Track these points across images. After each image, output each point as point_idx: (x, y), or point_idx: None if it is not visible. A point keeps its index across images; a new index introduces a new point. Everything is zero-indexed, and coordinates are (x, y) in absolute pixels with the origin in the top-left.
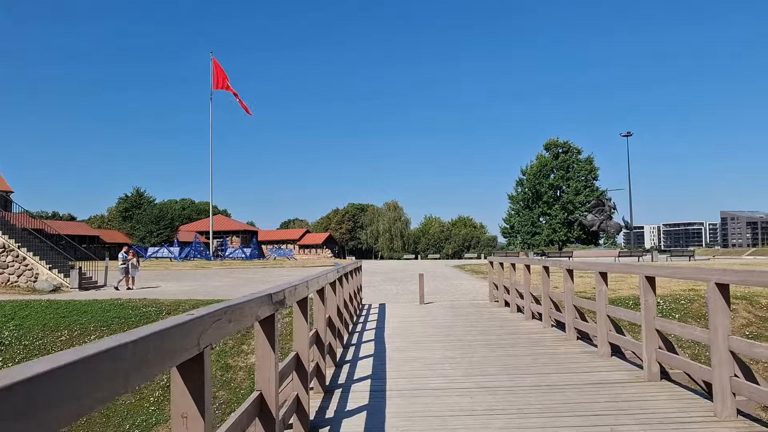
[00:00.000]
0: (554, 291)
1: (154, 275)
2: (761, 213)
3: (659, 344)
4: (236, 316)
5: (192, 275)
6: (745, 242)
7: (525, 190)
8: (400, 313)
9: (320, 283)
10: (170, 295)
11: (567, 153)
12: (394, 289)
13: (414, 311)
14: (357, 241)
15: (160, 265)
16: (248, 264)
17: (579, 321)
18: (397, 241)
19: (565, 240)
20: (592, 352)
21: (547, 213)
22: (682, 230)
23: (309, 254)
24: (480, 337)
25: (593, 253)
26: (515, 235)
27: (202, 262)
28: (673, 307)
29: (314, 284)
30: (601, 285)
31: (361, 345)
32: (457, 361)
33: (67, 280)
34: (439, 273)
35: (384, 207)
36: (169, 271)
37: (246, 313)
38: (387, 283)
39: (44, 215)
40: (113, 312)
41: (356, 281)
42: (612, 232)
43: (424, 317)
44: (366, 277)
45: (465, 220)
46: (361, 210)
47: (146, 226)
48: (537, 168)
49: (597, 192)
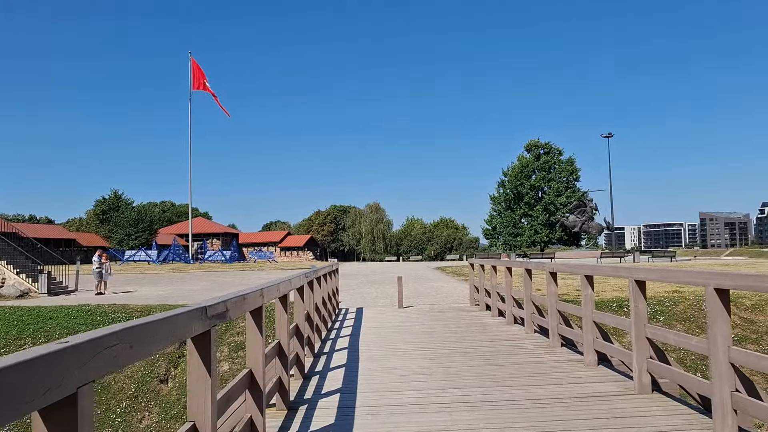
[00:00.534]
0: (537, 295)
1: (130, 279)
2: (739, 214)
3: (650, 353)
4: (141, 339)
5: (168, 279)
6: (724, 242)
7: (506, 191)
8: (378, 317)
9: (281, 290)
10: (143, 299)
11: (548, 154)
12: (373, 293)
13: (392, 316)
14: (339, 243)
15: (137, 269)
16: (227, 267)
17: (563, 327)
18: (379, 242)
19: (546, 241)
20: (578, 361)
21: (528, 214)
22: (662, 231)
23: (290, 256)
24: (459, 344)
25: (575, 254)
26: (497, 236)
27: (180, 266)
28: (658, 309)
29: (272, 292)
30: (587, 289)
31: (333, 354)
32: (433, 372)
33: (35, 285)
34: (420, 275)
35: (366, 209)
36: (146, 275)
37: (160, 334)
38: (366, 286)
39: (21, 218)
40: (80, 318)
41: (332, 284)
42: (594, 233)
43: (401, 322)
44: (345, 280)
45: (447, 221)
46: (343, 212)
47: (124, 229)
48: (518, 169)
49: (578, 193)
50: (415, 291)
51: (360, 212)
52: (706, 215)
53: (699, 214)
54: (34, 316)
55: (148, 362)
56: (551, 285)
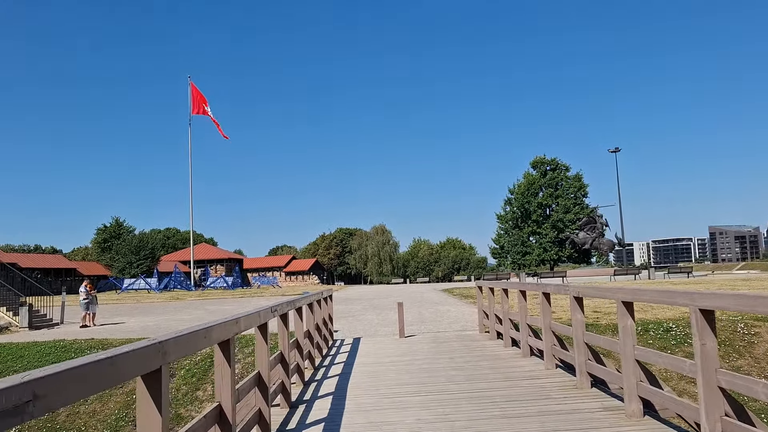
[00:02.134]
0: (557, 323)
1: (122, 309)
2: (749, 227)
3: (725, 408)
4: None
5: (162, 308)
6: (735, 256)
7: (513, 209)
8: (375, 350)
9: (242, 326)
10: (127, 332)
11: (555, 170)
12: (374, 319)
13: (391, 348)
14: (346, 266)
15: (133, 298)
16: (229, 294)
17: (593, 364)
18: (386, 265)
19: (556, 259)
20: (618, 410)
21: (537, 232)
22: (671, 246)
23: (295, 281)
24: (467, 385)
25: (588, 272)
26: (505, 255)
27: (180, 293)
28: (687, 333)
29: (225, 329)
30: (626, 319)
31: (316, 401)
32: (436, 429)
33: (16, 318)
34: (426, 298)
35: (372, 231)
36: (140, 305)
37: None
38: (368, 312)
39: (25, 249)
40: (53, 355)
41: (322, 313)
42: (605, 249)
43: (401, 356)
44: (346, 306)
45: (454, 242)
46: (349, 235)
47: (126, 257)
48: (525, 186)
49: (587, 209)
50: (419, 317)
51: (366, 234)
52: (715, 229)
53: (708, 228)
54: (3, 354)
55: (123, 403)
56: (576, 312)
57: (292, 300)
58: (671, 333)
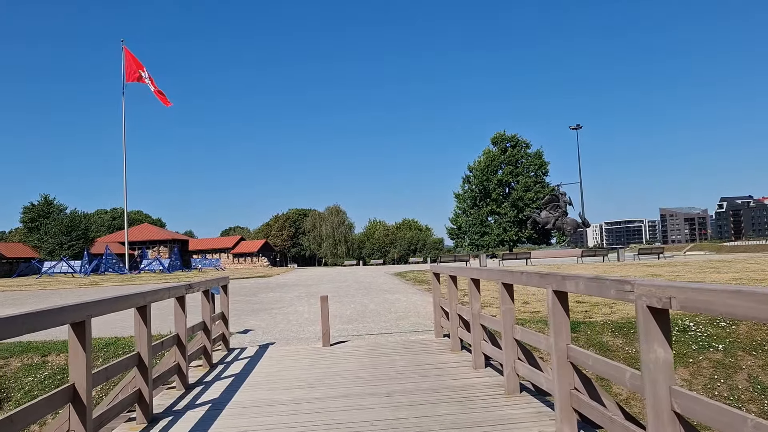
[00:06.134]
0: (587, 352)
1: None
2: (698, 209)
3: None
4: None
5: (36, 297)
6: (684, 238)
7: (472, 187)
8: (278, 372)
9: None
10: None
11: (515, 147)
12: (305, 312)
13: (304, 365)
14: (300, 248)
15: (43, 283)
16: (159, 277)
17: None
18: (341, 246)
19: (516, 240)
20: None
21: (496, 211)
22: (623, 228)
23: (243, 263)
24: None
25: (553, 253)
26: (463, 236)
27: (105, 277)
28: (711, 333)
29: None
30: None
31: None
32: None
33: None
34: (374, 284)
35: (326, 211)
36: (26, 293)
37: None
38: (301, 302)
39: None
40: None
41: (204, 313)
42: (568, 229)
43: (314, 385)
44: (279, 294)
45: (410, 222)
46: (303, 215)
47: (56, 238)
48: (485, 163)
49: (548, 188)
50: (362, 310)
51: (320, 215)
52: (666, 211)
53: (660, 209)
54: None
55: None
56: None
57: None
58: (689, 334)
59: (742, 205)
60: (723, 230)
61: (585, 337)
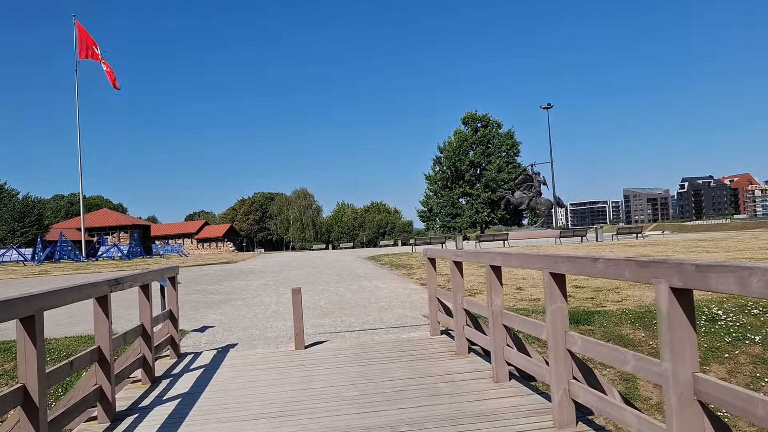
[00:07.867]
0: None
1: None
2: (660, 189)
3: None
4: None
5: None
6: (647, 218)
7: (443, 168)
8: (241, 387)
9: None
10: None
11: (486, 127)
12: (272, 304)
13: (274, 377)
14: (267, 232)
15: None
16: (117, 264)
17: None
18: (308, 230)
19: (488, 221)
20: None
21: (468, 193)
22: (587, 209)
23: (208, 248)
24: None
25: (531, 234)
26: (434, 218)
27: (58, 265)
28: (744, 322)
29: None
30: None
31: None
32: None
33: None
34: (347, 269)
35: (293, 195)
36: None
37: None
38: (269, 292)
39: None
40: None
41: (142, 316)
42: (543, 209)
43: (287, 410)
44: (244, 282)
45: (379, 205)
46: (270, 199)
47: (7, 224)
48: (456, 144)
49: (519, 168)
50: (338, 299)
51: (287, 199)
52: (629, 192)
53: (623, 190)
54: None
55: None
56: None
57: None
58: (719, 324)
59: (702, 185)
60: (684, 210)
61: (602, 330)
